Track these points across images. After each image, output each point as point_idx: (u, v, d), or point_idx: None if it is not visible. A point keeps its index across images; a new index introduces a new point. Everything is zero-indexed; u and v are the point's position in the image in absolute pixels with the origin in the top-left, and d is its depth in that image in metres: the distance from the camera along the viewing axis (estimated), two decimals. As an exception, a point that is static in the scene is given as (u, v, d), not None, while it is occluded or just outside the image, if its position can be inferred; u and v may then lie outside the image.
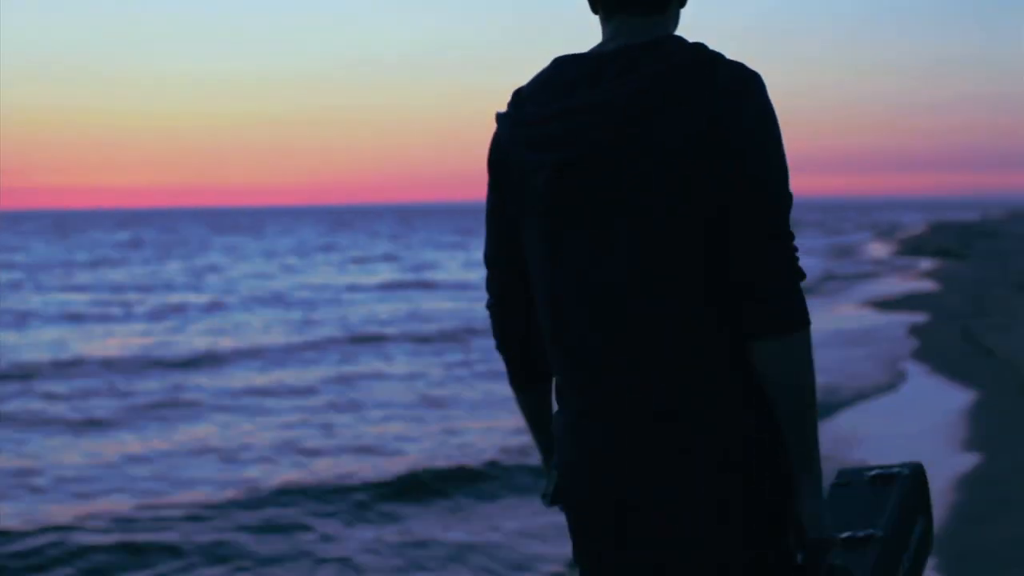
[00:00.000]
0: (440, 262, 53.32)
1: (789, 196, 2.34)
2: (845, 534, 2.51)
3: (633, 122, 2.29)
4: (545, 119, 2.37)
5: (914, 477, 2.64)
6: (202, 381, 17.31)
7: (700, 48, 2.33)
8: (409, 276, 43.20)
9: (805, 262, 2.43)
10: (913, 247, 53.17)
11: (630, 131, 2.30)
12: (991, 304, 19.64)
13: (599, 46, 2.42)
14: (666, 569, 2.46)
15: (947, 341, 17.33)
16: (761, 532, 2.43)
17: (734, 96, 2.29)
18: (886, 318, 21.83)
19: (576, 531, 2.53)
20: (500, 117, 2.48)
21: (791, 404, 2.37)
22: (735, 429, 2.38)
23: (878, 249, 56.47)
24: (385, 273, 44.97)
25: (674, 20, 2.45)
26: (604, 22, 2.44)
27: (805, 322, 2.33)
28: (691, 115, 2.27)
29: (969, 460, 9.58)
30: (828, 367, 15.88)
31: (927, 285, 29.51)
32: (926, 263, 40.82)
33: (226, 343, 22.20)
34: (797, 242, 2.39)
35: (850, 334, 19.54)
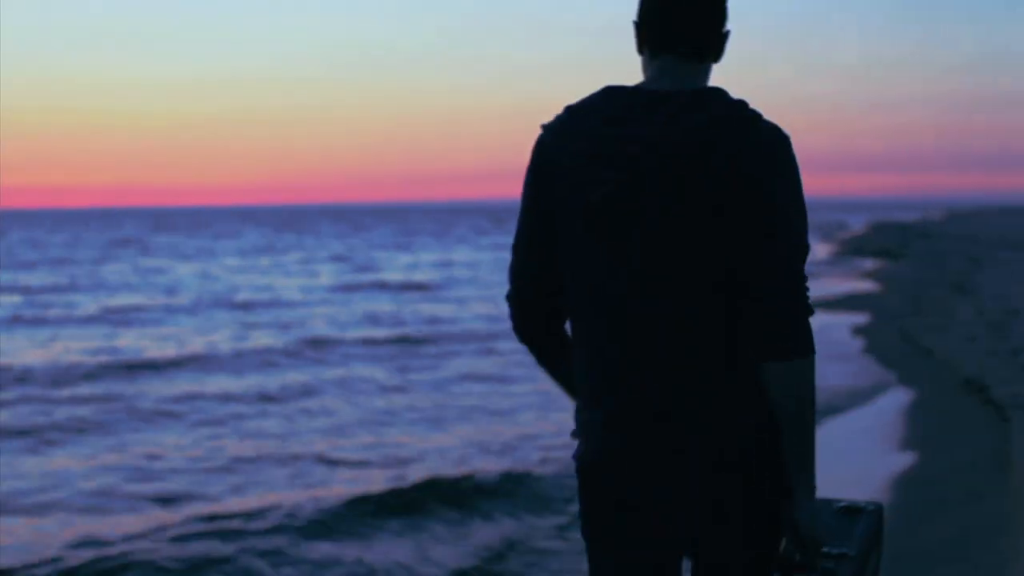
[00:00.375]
0: (388, 262, 53.08)
1: (807, 247, 2.63)
2: (822, 549, 2.72)
3: (679, 164, 2.56)
4: (601, 142, 2.61)
5: (877, 514, 2.99)
6: (138, 389, 16.49)
7: (742, 106, 2.62)
8: (364, 277, 42.68)
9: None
10: (854, 247, 53.58)
11: (675, 171, 2.56)
12: (929, 304, 19.79)
13: (647, 83, 2.69)
14: (666, 569, 2.67)
15: (887, 341, 17.44)
16: (761, 532, 2.61)
17: (766, 158, 2.57)
18: (828, 318, 21.96)
19: (586, 517, 2.74)
20: (549, 128, 2.71)
21: (793, 415, 2.60)
22: (731, 429, 2.58)
23: (820, 250, 56.86)
24: (333, 275, 44.42)
25: (709, 72, 2.73)
26: (650, 61, 2.71)
27: (811, 350, 2.60)
28: (727, 167, 2.55)
29: (906, 459, 9.63)
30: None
31: (867, 285, 29.74)
32: (867, 263, 41.16)
33: (169, 350, 21.17)
34: None
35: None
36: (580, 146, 2.63)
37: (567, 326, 2.80)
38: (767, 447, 2.60)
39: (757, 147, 2.57)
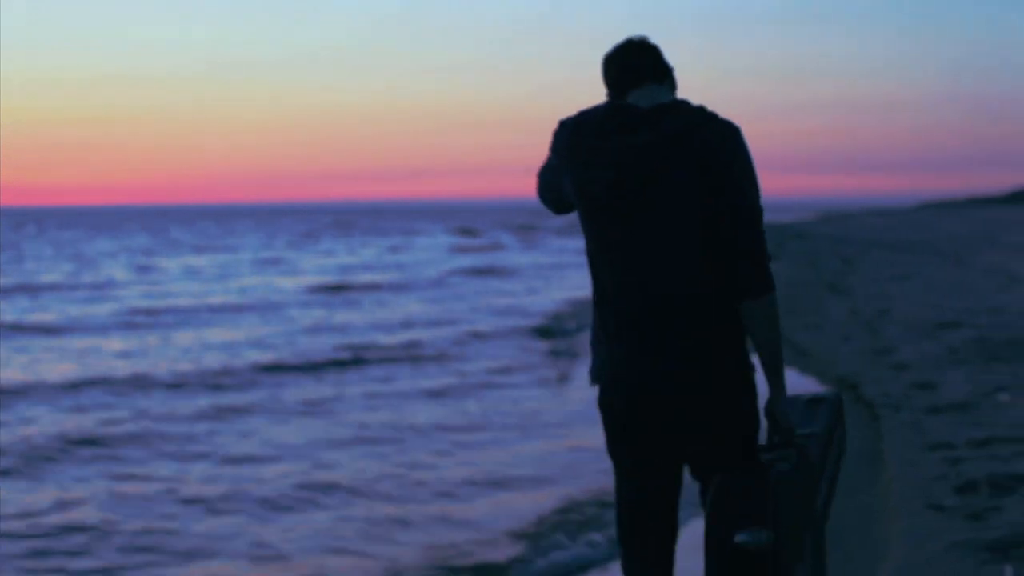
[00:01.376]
0: (323, 264, 51.76)
1: (761, 210, 3.61)
2: (796, 431, 3.75)
3: (663, 158, 3.56)
4: (605, 146, 3.62)
5: (837, 400, 4.04)
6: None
7: (702, 110, 3.62)
8: (343, 278, 41.10)
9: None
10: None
11: (661, 163, 3.57)
12: (804, 304, 20.14)
13: (635, 102, 3.67)
14: (670, 474, 3.74)
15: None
16: (749, 423, 3.70)
17: (725, 145, 3.57)
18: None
19: (612, 434, 3.75)
20: (567, 123, 3.72)
21: (767, 337, 3.64)
22: (719, 367, 3.62)
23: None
24: (308, 277, 42.62)
25: (673, 86, 3.75)
26: (632, 91, 3.70)
27: (774, 287, 3.60)
28: (699, 155, 3.54)
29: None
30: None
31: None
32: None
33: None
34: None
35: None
36: (595, 147, 3.63)
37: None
38: (743, 376, 3.66)
39: (718, 138, 3.57)
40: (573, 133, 3.67)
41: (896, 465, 8.44)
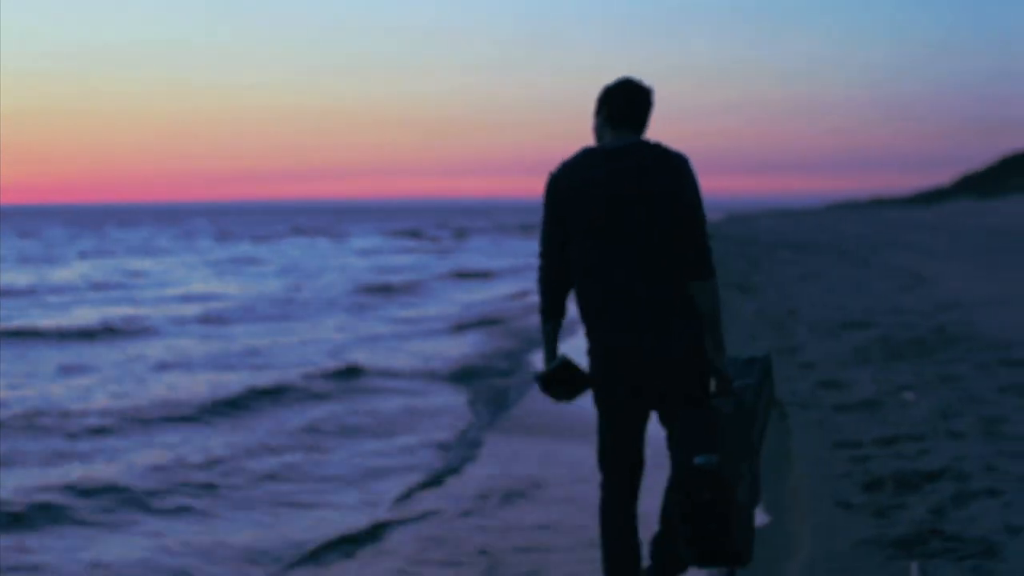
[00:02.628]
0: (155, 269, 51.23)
1: (705, 220, 5.01)
2: (734, 383, 5.16)
3: (638, 181, 4.93)
4: (595, 177, 4.97)
5: (766, 359, 5.42)
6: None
7: (661, 145, 5.00)
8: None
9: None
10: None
11: (636, 185, 4.93)
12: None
13: (609, 143, 5.04)
14: (641, 419, 5.13)
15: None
16: (702, 382, 5.05)
17: (680, 168, 4.97)
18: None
19: (601, 386, 5.09)
20: (557, 174, 5.07)
21: (711, 311, 5.02)
22: (681, 338, 4.98)
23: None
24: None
25: (643, 132, 5.09)
26: (611, 131, 5.06)
27: (715, 274, 5.00)
28: (660, 178, 4.93)
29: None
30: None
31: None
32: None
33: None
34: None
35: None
36: (575, 183, 4.99)
37: (567, 291, 5.15)
38: (699, 343, 5.00)
39: (672, 168, 4.96)
40: (566, 175, 5.03)
41: (804, 463, 8.53)
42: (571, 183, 4.98)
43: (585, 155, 5.02)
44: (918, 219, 67.32)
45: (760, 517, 7.62)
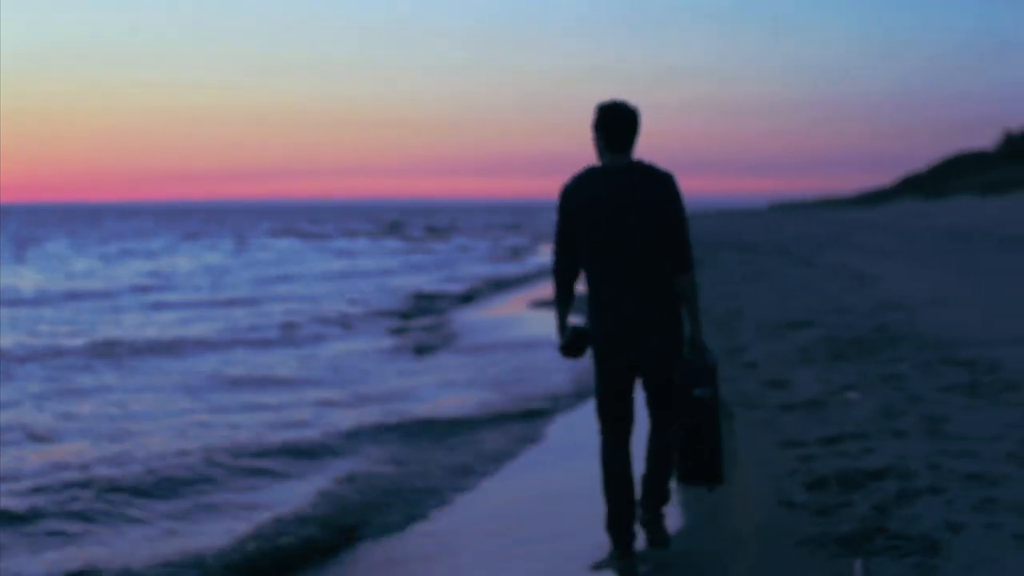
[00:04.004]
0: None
1: (687, 221, 6.26)
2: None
3: (633, 193, 6.17)
4: (598, 193, 6.22)
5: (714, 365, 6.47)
6: None
7: (651, 164, 6.26)
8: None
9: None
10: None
11: (632, 197, 6.17)
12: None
13: (608, 163, 6.29)
14: (659, 362, 6.32)
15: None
16: (679, 350, 6.34)
17: (666, 183, 6.22)
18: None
19: (600, 357, 6.38)
20: (569, 187, 6.34)
21: (691, 297, 6.28)
22: (665, 320, 6.29)
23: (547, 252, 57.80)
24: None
25: (633, 152, 6.32)
26: (609, 154, 6.29)
27: (693, 268, 6.25)
28: (652, 190, 6.17)
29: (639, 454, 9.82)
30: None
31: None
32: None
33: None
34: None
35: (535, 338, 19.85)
36: (583, 199, 6.26)
37: (576, 281, 6.47)
38: (679, 324, 6.34)
39: (659, 183, 6.22)
40: (579, 187, 6.32)
41: (749, 463, 8.57)
42: (579, 200, 6.27)
43: (589, 174, 6.33)
44: (862, 219, 67.84)
45: (704, 515, 7.65)
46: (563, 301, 6.49)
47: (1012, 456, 7.79)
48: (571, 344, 6.45)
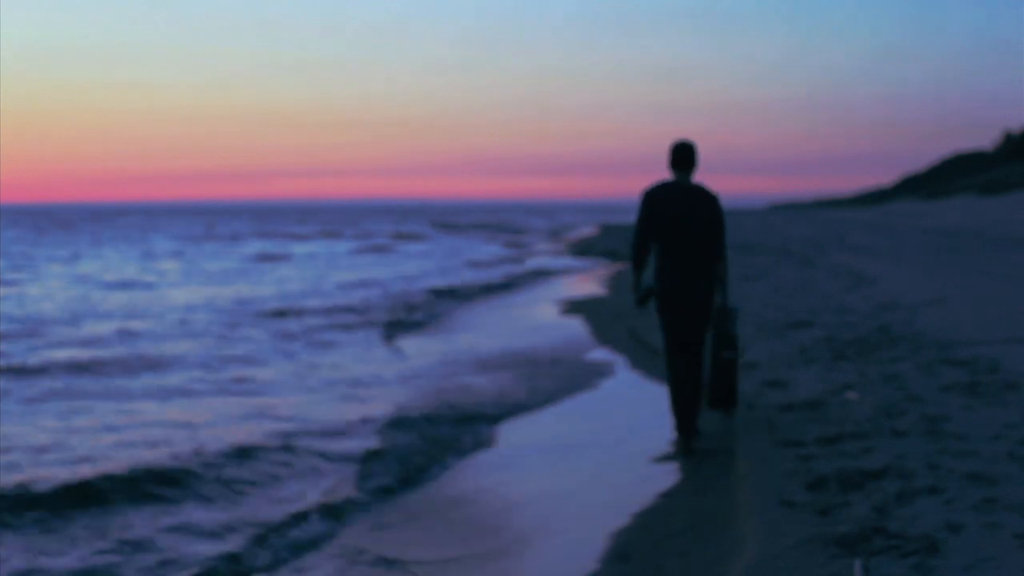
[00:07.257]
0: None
1: (725, 227, 9.59)
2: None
3: (695, 208, 9.46)
4: (673, 202, 9.43)
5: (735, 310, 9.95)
6: None
7: (704, 186, 9.57)
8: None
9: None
10: (583, 248, 54.72)
11: (691, 209, 9.45)
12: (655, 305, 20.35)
13: (680, 181, 9.56)
14: (695, 314, 9.56)
15: (620, 339, 17.82)
16: (711, 311, 9.65)
17: (714, 201, 9.54)
18: (564, 319, 22.28)
19: (661, 307, 9.62)
20: (653, 190, 9.52)
21: (724, 275, 9.58)
22: (707, 285, 9.53)
23: (547, 250, 57.91)
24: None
25: (695, 173, 9.66)
26: (677, 173, 9.56)
27: (726, 256, 9.59)
28: (708, 207, 9.49)
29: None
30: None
31: (597, 288, 30.30)
32: (598, 263, 42.08)
33: None
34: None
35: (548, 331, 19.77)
36: (664, 199, 9.42)
37: (648, 255, 9.61)
38: (712, 291, 9.54)
39: (710, 201, 9.48)
40: (658, 192, 9.43)
41: (749, 462, 8.56)
42: (660, 201, 9.40)
43: (666, 185, 9.49)
44: (862, 219, 67.82)
45: (704, 515, 7.64)
46: (639, 268, 9.57)
47: (1012, 456, 7.79)
48: (644, 297, 9.53)
